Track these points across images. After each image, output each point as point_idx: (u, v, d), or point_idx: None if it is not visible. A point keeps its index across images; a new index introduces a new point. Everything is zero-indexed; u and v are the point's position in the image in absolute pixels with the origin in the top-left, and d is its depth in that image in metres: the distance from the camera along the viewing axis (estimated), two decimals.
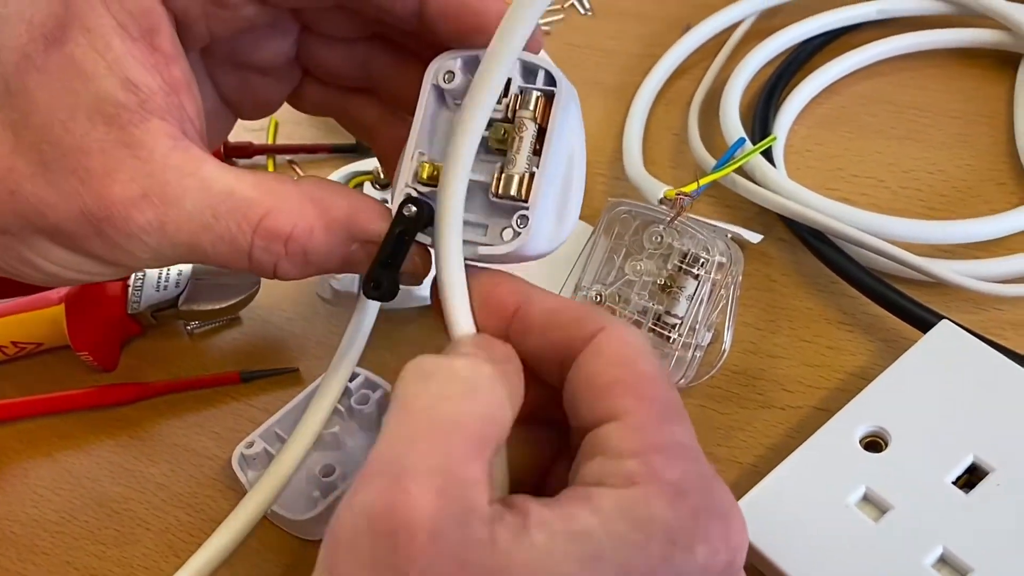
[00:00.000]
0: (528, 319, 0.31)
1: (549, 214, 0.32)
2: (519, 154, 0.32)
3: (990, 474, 0.37)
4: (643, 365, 0.29)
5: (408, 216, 0.32)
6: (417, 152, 0.33)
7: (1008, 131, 0.54)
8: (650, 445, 0.27)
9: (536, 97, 0.32)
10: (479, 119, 0.31)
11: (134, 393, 0.49)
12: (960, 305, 0.46)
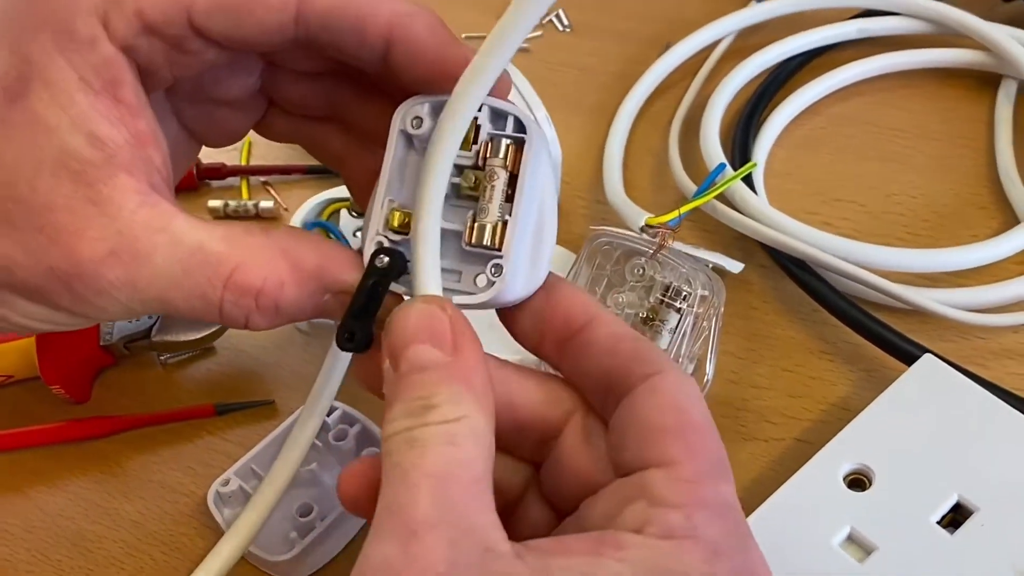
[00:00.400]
0: (592, 339, 0.31)
1: (523, 261, 0.32)
2: (491, 203, 0.31)
3: (975, 514, 0.37)
4: (697, 416, 0.29)
5: (381, 267, 0.31)
6: (387, 199, 0.32)
7: (989, 153, 0.53)
8: (697, 500, 0.27)
9: (506, 145, 0.31)
10: (444, 166, 0.30)
11: (107, 427, 0.48)
12: (942, 333, 0.46)
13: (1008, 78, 0.56)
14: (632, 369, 0.30)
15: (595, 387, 0.31)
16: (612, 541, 0.26)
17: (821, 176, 0.54)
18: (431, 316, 0.29)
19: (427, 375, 0.29)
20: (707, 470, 0.28)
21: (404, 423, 0.27)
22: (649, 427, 0.28)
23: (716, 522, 0.27)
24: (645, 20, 0.65)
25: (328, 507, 0.42)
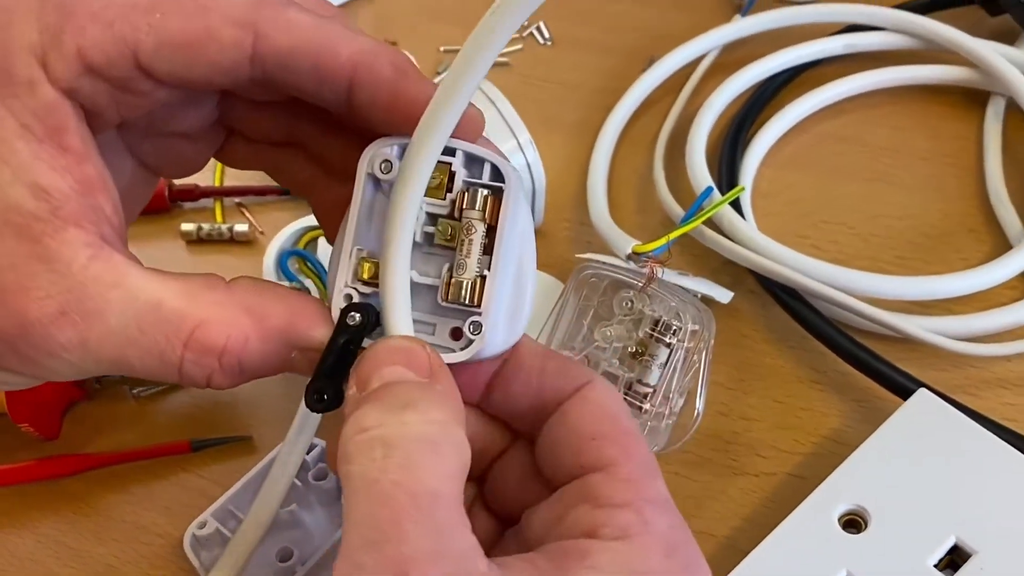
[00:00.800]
0: (519, 364, 0.31)
1: (502, 317, 0.30)
2: (468, 258, 0.30)
3: (973, 557, 0.36)
4: (626, 421, 0.30)
5: (352, 325, 0.30)
6: (355, 249, 0.31)
7: (978, 173, 0.53)
8: (641, 498, 0.28)
9: (483, 196, 0.30)
10: (410, 213, 0.29)
11: (78, 465, 0.46)
12: (934, 362, 0.45)
13: (996, 95, 0.55)
14: (561, 384, 0.31)
15: (526, 410, 0.31)
16: (575, 551, 0.27)
17: (808, 197, 0.53)
18: (408, 348, 0.29)
19: (404, 385, 0.28)
20: (644, 469, 0.29)
21: (375, 417, 0.26)
22: (584, 435, 0.30)
23: (664, 516, 0.28)
24: (627, 33, 0.64)
25: (309, 550, 0.41)
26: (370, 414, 0.26)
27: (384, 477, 0.25)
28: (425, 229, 0.31)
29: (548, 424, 0.31)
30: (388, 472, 0.25)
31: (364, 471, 0.25)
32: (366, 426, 0.26)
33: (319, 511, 0.43)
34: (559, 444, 0.30)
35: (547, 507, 0.30)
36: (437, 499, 0.25)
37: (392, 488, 0.25)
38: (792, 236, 0.51)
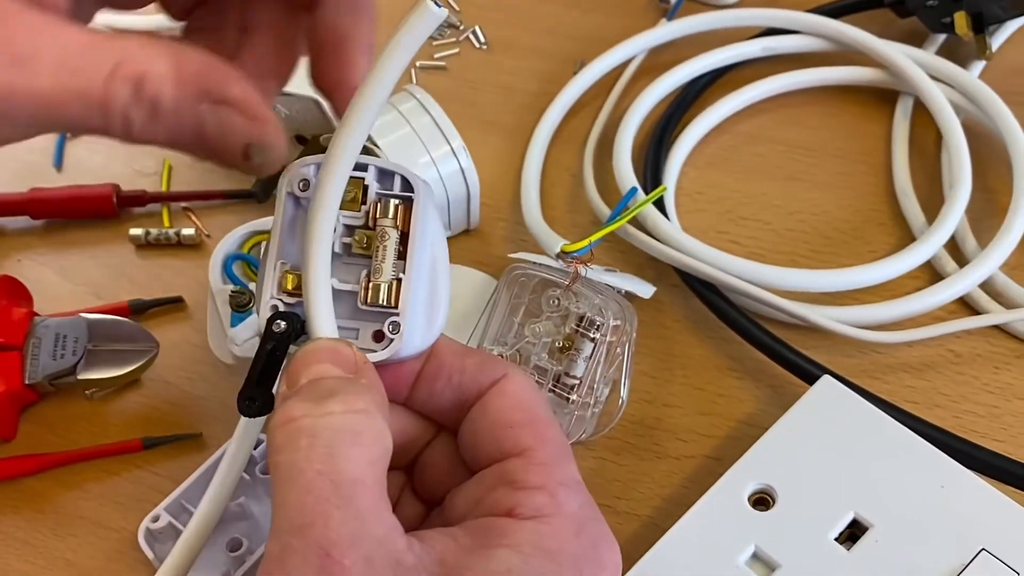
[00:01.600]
0: (440, 363, 0.34)
1: (419, 316, 0.33)
2: (384, 262, 0.32)
3: (869, 530, 0.39)
4: (540, 410, 0.33)
5: (278, 332, 0.32)
6: (279, 262, 0.33)
7: (887, 170, 0.56)
8: (555, 480, 0.31)
9: (395, 205, 0.33)
10: (328, 217, 0.31)
11: (35, 465, 0.48)
12: (843, 349, 0.49)
13: (904, 94, 0.59)
14: (480, 379, 0.33)
15: (448, 404, 0.34)
16: (494, 529, 0.30)
17: (728, 195, 0.56)
18: (335, 347, 0.31)
19: (329, 379, 0.30)
20: (557, 453, 0.32)
21: (301, 408, 0.28)
22: (502, 423, 0.32)
23: (574, 497, 0.31)
24: (560, 37, 0.66)
25: (258, 540, 0.43)
26: (296, 405, 0.28)
27: (309, 467, 0.27)
28: (343, 240, 0.33)
29: (469, 416, 0.33)
30: (313, 462, 0.27)
31: (291, 460, 0.27)
32: (292, 416, 0.28)
33: (267, 503, 0.46)
34: (479, 433, 0.33)
35: (468, 488, 0.33)
36: (357, 486, 0.27)
37: (316, 477, 0.27)
38: (713, 232, 0.54)
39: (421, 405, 0.35)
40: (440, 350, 0.34)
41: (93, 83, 0.28)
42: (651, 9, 0.67)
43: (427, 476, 0.35)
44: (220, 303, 0.48)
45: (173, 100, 0.29)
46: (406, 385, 0.34)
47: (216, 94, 0.30)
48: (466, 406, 0.34)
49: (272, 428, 0.28)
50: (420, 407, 0.35)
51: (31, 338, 0.49)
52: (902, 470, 0.40)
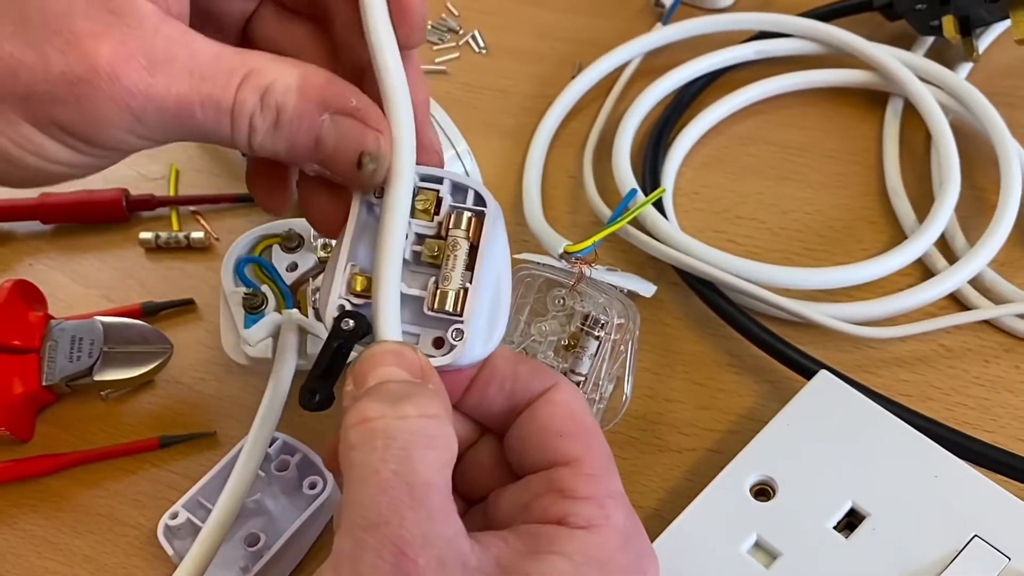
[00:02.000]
0: (494, 369, 0.35)
1: (482, 326, 0.34)
2: (454, 271, 0.34)
3: (867, 519, 0.41)
4: (589, 421, 0.35)
5: (346, 329, 0.33)
6: (349, 264, 0.34)
7: (878, 170, 0.58)
8: (603, 491, 0.32)
9: (468, 217, 0.34)
10: (400, 227, 0.33)
11: (54, 464, 0.49)
12: (838, 344, 0.50)
13: (895, 96, 0.60)
14: (530, 387, 0.35)
15: (498, 410, 0.35)
16: (544, 536, 0.31)
17: (725, 195, 0.57)
18: (401, 350, 0.32)
19: (399, 383, 0.31)
20: (604, 465, 0.33)
21: (377, 409, 0.29)
22: (552, 432, 0.34)
23: (621, 509, 0.32)
24: (557, 41, 0.68)
25: (274, 535, 0.45)
26: (371, 406, 0.29)
27: (384, 467, 0.28)
28: (413, 248, 0.35)
29: (518, 422, 0.35)
30: (388, 462, 0.28)
31: (366, 459, 0.29)
32: (368, 416, 0.29)
33: (282, 499, 0.47)
34: (528, 440, 0.34)
35: (515, 492, 0.34)
36: (430, 488, 0.29)
37: (392, 477, 0.28)
38: (710, 231, 0.56)
39: (471, 409, 0.36)
40: (495, 357, 0.35)
41: (225, 90, 0.30)
42: (647, 13, 0.68)
43: (469, 475, 0.36)
44: (233, 305, 0.50)
45: (296, 109, 0.31)
46: (460, 389, 0.35)
47: (337, 105, 0.32)
48: (515, 412, 0.35)
49: (347, 427, 0.29)
50: (470, 410, 0.36)
51: (48, 341, 0.51)
52: (897, 460, 0.42)
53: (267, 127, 0.31)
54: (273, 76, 0.31)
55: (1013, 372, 0.48)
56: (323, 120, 0.32)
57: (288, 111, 0.31)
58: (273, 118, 0.31)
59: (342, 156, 0.32)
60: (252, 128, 0.31)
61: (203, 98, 0.30)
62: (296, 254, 0.51)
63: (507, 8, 0.70)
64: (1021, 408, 0.47)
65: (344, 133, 0.32)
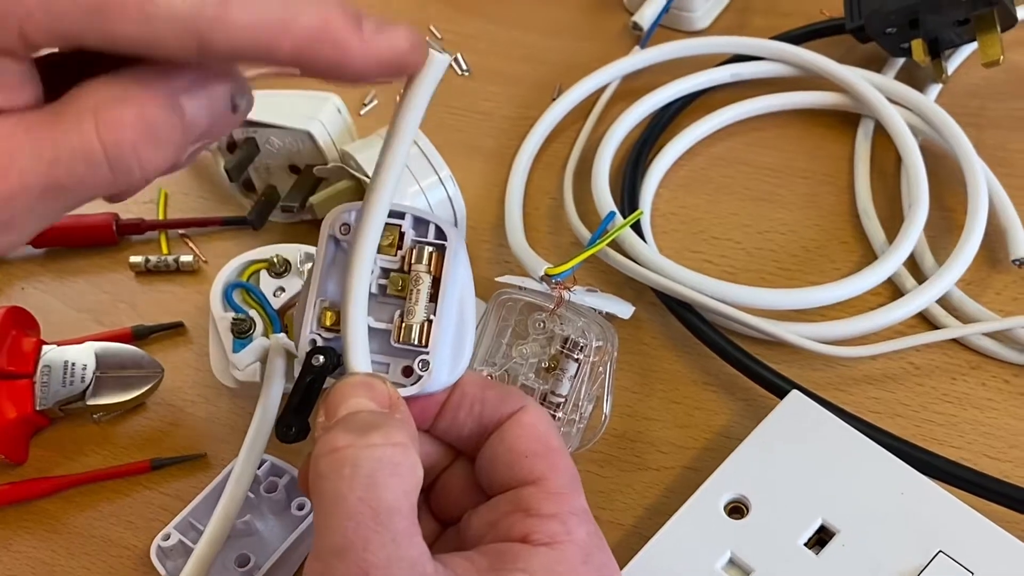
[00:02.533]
0: (463, 394, 0.37)
1: (446, 355, 0.36)
2: (417, 304, 0.36)
3: (836, 535, 0.42)
4: (554, 441, 0.36)
5: (316, 365, 0.35)
6: (318, 300, 0.36)
7: (850, 190, 0.59)
8: (566, 509, 0.34)
9: (429, 252, 0.36)
10: (366, 263, 0.35)
11: (48, 487, 0.51)
12: (810, 363, 0.52)
13: (865, 117, 0.62)
14: (499, 409, 0.36)
15: (468, 433, 0.37)
16: (508, 553, 0.33)
17: (701, 216, 0.59)
18: (370, 382, 0.34)
19: (368, 413, 0.32)
20: (568, 483, 0.35)
21: (345, 439, 0.31)
22: (518, 452, 0.35)
23: (583, 526, 0.34)
24: (538, 63, 0.69)
25: (264, 556, 0.46)
26: (340, 436, 0.31)
27: (351, 494, 0.30)
28: (379, 282, 0.36)
29: (488, 444, 0.36)
30: (355, 489, 0.30)
31: (334, 486, 0.30)
32: (336, 446, 0.31)
33: (271, 519, 0.48)
34: (496, 461, 0.36)
35: (484, 512, 0.35)
36: (394, 513, 0.30)
37: (358, 503, 0.30)
38: (687, 252, 0.57)
39: (443, 432, 0.38)
40: (464, 382, 0.37)
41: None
42: (625, 35, 0.70)
43: (444, 497, 0.38)
44: (222, 330, 0.51)
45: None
46: (431, 415, 0.37)
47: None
48: (485, 435, 0.36)
49: (316, 456, 0.31)
50: (442, 434, 0.38)
51: (41, 366, 0.52)
52: (866, 478, 0.43)
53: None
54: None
55: (980, 389, 0.50)
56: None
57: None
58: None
59: None
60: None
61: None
62: (283, 279, 0.53)
63: (489, 31, 0.72)
64: (987, 424, 0.49)
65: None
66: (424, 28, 0.73)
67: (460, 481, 0.38)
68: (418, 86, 0.34)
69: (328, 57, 0.29)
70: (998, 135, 0.60)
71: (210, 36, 0.27)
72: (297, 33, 0.29)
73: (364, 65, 0.30)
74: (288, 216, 0.60)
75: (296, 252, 0.53)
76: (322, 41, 0.29)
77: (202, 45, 0.27)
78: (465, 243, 0.37)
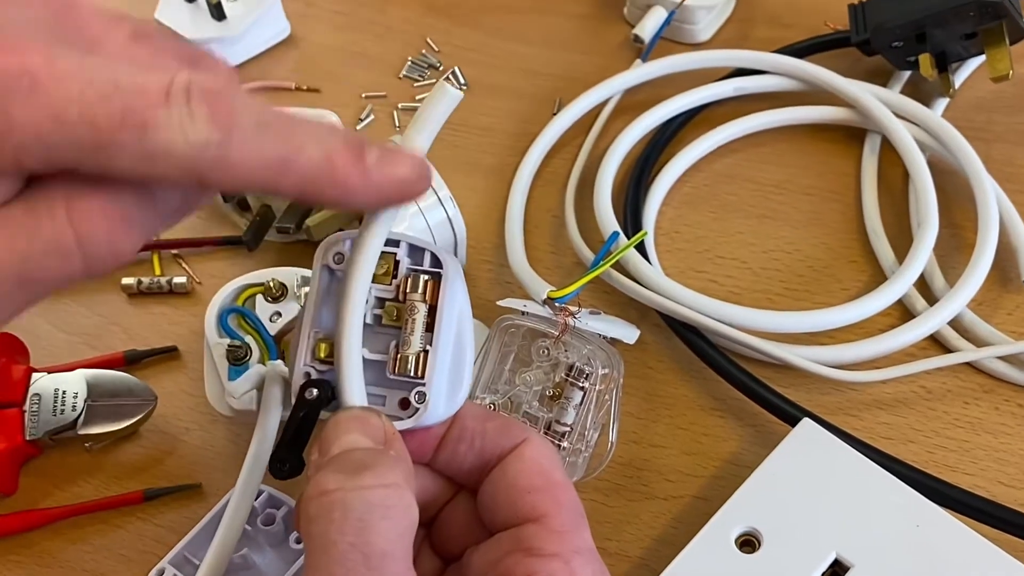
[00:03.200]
0: (463, 427, 0.36)
1: (443, 386, 0.35)
2: (412, 335, 0.34)
3: (850, 570, 0.41)
4: (558, 475, 0.35)
5: (310, 399, 0.34)
6: (312, 331, 0.35)
7: (857, 207, 0.58)
8: (569, 548, 0.33)
9: (424, 281, 0.34)
10: (360, 295, 0.33)
11: (39, 520, 0.49)
12: (820, 387, 0.51)
13: (872, 132, 0.61)
14: (500, 443, 0.35)
15: (469, 467, 0.36)
16: None
17: (706, 234, 0.58)
18: (365, 417, 0.33)
19: (361, 451, 0.31)
20: (573, 520, 0.34)
21: (335, 480, 0.29)
22: (520, 488, 0.34)
23: (588, 565, 0.33)
24: (538, 77, 0.68)
25: None
26: (330, 477, 0.30)
27: (342, 539, 0.29)
28: (374, 311, 0.35)
29: (489, 478, 0.35)
30: (345, 534, 0.29)
31: (323, 531, 0.29)
32: (326, 489, 0.30)
33: (269, 552, 0.47)
34: (498, 496, 0.34)
35: (485, 550, 0.34)
36: (386, 558, 0.29)
37: (348, 549, 0.29)
38: (691, 272, 0.56)
39: (443, 466, 0.36)
40: (463, 415, 0.36)
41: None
42: (625, 47, 0.69)
43: (446, 533, 0.37)
44: (217, 356, 0.50)
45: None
46: (430, 448, 0.36)
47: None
48: (487, 469, 0.35)
49: (306, 499, 0.30)
50: (442, 468, 0.36)
51: (31, 395, 0.50)
52: (880, 510, 0.42)
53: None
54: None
55: (993, 414, 0.49)
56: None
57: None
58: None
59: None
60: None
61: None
62: (280, 303, 0.51)
63: (487, 44, 0.70)
64: (1001, 450, 0.48)
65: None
66: (421, 42, 0.71)
67: (462, 516, 0.37)
68: (427, 116, 0.33)
69: (330, 195, 0.30)
70: (1006, 150, 0.59)
71: (210, 176, 0.27)
72: (299, 172, 0.29)
73: (366, 198, 0.31)
74: (284, 237, 0.58)
75: (293, 276, 0.51)
76: (324, 179, 0.29)
77: (203, 182, 0.28)
78: (462, 270, 0.36)
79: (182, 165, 0.27)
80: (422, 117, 0.34)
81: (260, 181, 0.28)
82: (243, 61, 0.71)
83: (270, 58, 0.71)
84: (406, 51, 0.71)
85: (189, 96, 0.27)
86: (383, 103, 0.67)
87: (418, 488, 0.36)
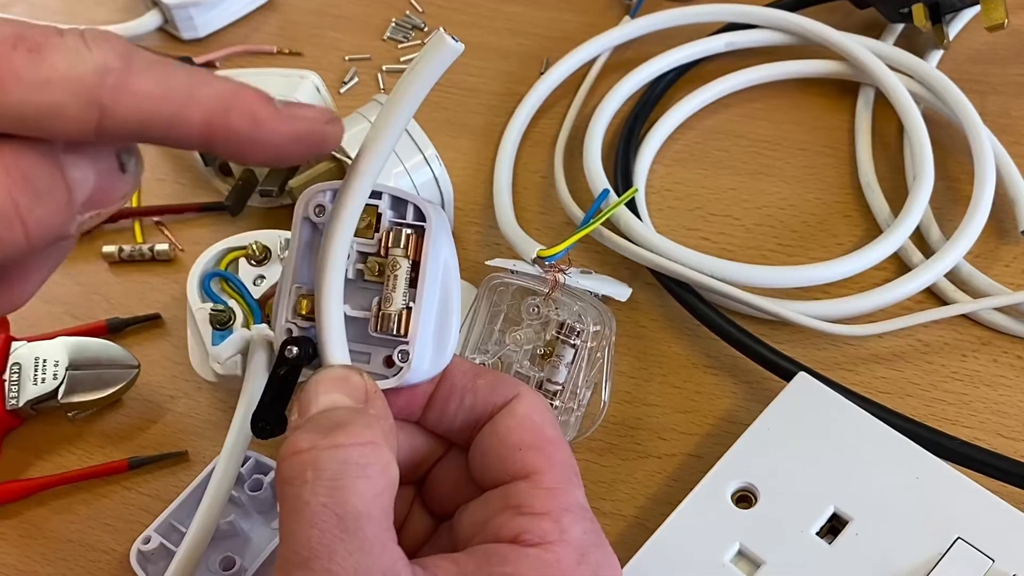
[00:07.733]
0: (452, 384, 0.34)
1: (428, 344, 0.34)
2: (395, 292, 0.33)
3: (849, 524, 0.40)
4: (550, 431, 0.34)
5: (290, 357, 0.33)
6: (294, 287, 0.34)
7: (851, 162, 0.57)
8: (560, 506, 0.31)
9: (407, 235, 0.33)
10: (342, 249, 0.32)
11: (22, 490, 0.48)
12: (815, 342, 0.50)
13: (865, 86, 0.60)
14: (491, 399, 0.34)
15: (460, 424, 0.35)
16: (496, 555, 0.30)
17: (698, 192, 0.57)
18: (345, 376, 0.31)
19: (338, 410, 0.30)
20: (564, 477, 0.32)
21: (308, 440, 0.28)
22: (510, 445, 0.33)
23: (578, 523, 0.32)
24: (523, 36, 0.67)
25: (250, 557, 0.44)
26: (303, 437, 0.29)
27: (314, 499, 0.28)
28: (356, 266, 0.34)
29: (480, 435, 0.34)
30: (318, 495, 0.28)
31: (296, 492, 0.28)
32: (299, 448, 0.29)
33: (256, 519, 0.46)
34: (488, 454, 0.33)
35: (475, 508, 0.33)
36: (362, 519, 0.28)
37: (321, 510, 0.28)
38: (683, 230, 0.55)
39: (433, 424, 0.35)
40: (452, 371, 0.35)
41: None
42: (614, 6, 0.67)
43: (437, 491, 0.36)
44: (200, 322, 0.49)
45: None
46: (419, 406, 0.35)
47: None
48: (477, 426, 0.34)
49: (280, 460, 0.29)
50: (432, 426, 0.35)
51: (10, 364, 0.49)
52: (878, 463, 0.42)
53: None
54: None
55: (991, 366, 0.48)
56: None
57: None
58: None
59: None
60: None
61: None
62: (263, 267, 0.50)
63: (472, 4, 0.69)
64: (1000, 402, 0.47)
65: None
66: (404, 3, 0.70)
67: (454, 474, 0.36)
68: (422, 68, 0.32)
69: (241, 128, 0.28)
70: (1001, 101, 0.58)
71: (113, 105, 0.25)
72: (206, 101, 0.27)
73: (280, 137, 0.28)
74: (267, 201, 0.57)
75: (276, 238, 0.50)
76: (233, 110, 0.28)
77: (104, 117, 0.25)
78: (448, 224, 0.35)
79: (80, 92, 0.25)
80: (416, 69, 0.32)
81: (165, 114, 0.26)
82: (224, 26, 0.69)
83: (250, 22, 0.70)
84: (389, 12, 0.69)
85: (83, 34, 0.25)
86: (367, 65, 0.66)
87: (408, 446, 0.35)
